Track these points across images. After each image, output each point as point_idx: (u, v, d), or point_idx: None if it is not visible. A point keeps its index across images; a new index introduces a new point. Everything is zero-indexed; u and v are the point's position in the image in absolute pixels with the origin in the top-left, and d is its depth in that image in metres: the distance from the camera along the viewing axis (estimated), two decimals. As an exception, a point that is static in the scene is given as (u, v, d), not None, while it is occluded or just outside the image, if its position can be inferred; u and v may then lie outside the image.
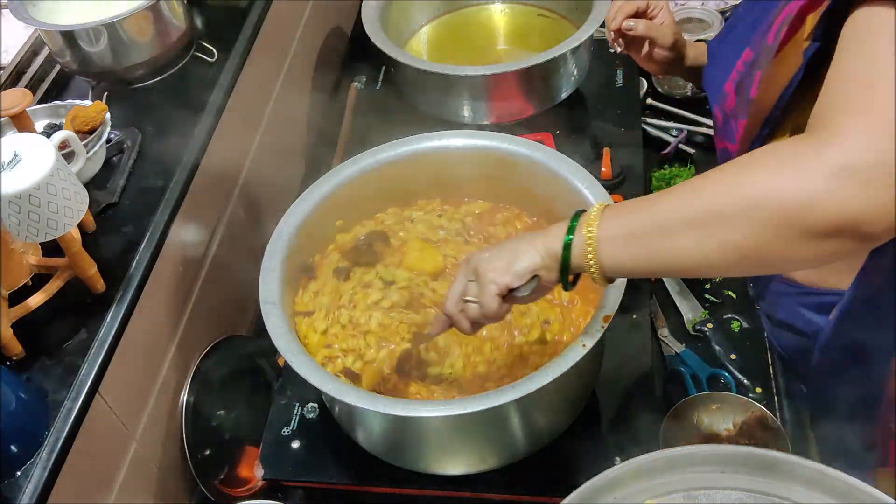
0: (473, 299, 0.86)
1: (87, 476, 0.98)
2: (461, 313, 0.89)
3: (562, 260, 0.81)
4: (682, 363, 1.34)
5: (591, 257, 0.79)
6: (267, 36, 1.46)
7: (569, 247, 0.81)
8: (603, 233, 0.78)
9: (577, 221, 0.81)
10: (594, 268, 0.79)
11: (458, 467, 1.04)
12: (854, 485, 0.78)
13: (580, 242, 0.80)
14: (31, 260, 1.03)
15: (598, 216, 0.79)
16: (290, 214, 1.10)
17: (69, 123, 1.15)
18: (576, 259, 0.81)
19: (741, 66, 0.96)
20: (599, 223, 0.79)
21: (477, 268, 0.86)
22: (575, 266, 0.81)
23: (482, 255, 0.87)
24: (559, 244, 0.81)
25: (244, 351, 1.34)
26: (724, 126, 1.02)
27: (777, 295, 1.07)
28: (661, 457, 0.84)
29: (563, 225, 0.82)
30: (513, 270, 0.83)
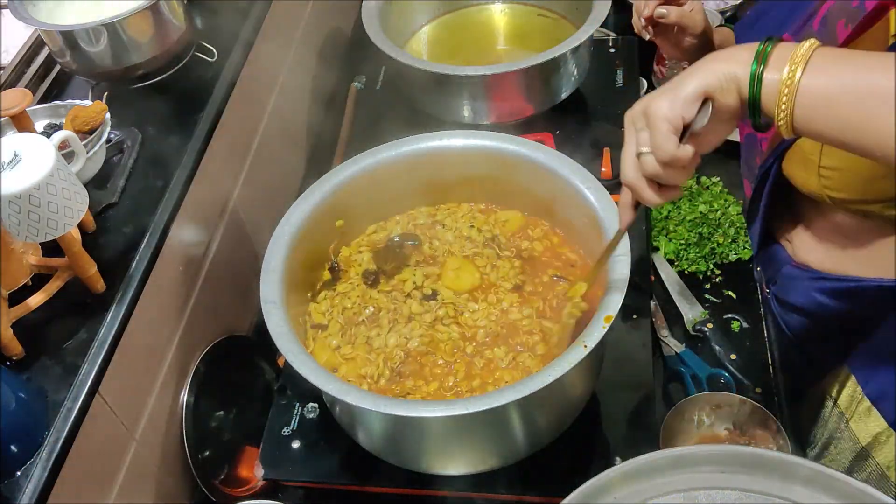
0: (647, 150, 0.76)
1: (87, 476, 0.98)
2: (640, 177, 0.79)
3: (750, 94, 0.71)
4: (682, 363, 1.34)
5: (785, 106, 0.69)
6: (267, 36, 1.46)
7: (759, 81, 0.70)
8: (810, 79, 0.68)
9: (770, 48, 0.71)
10: (784, 117, 0.70)
11: (459, 467, 1.04)
12: (854, 485, 0.78)
13: (774, 82, 0.70)
14: (31, 260, 1.03)
15: (807, 55, 0.69)
16: (290, 214, 1.10)
17: (69, 123, 1.15)
18: (766, 98, 0.71)
19: None
20: (806, 65, 0.68)
21: (644, 109, 0.76)
22: (761, 105, 0.71)
23: (647, 98, 0.77)
24: (746, 72, 0.71)
25: (244, 351, 1.34)
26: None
27: (791, 279, 1.07)
28: (661, 457, 0.84)
29: (750, 49, 0.71)
30: (681, 96, 0.73)
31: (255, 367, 1.35)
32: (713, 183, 1.58)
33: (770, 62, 0.70)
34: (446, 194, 1.23)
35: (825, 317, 1.04)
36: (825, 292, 1.02)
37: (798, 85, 0.68)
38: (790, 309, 1.11)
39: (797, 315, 1.10)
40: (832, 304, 1.02)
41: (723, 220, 1.54)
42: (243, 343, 1.35)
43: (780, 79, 0.69)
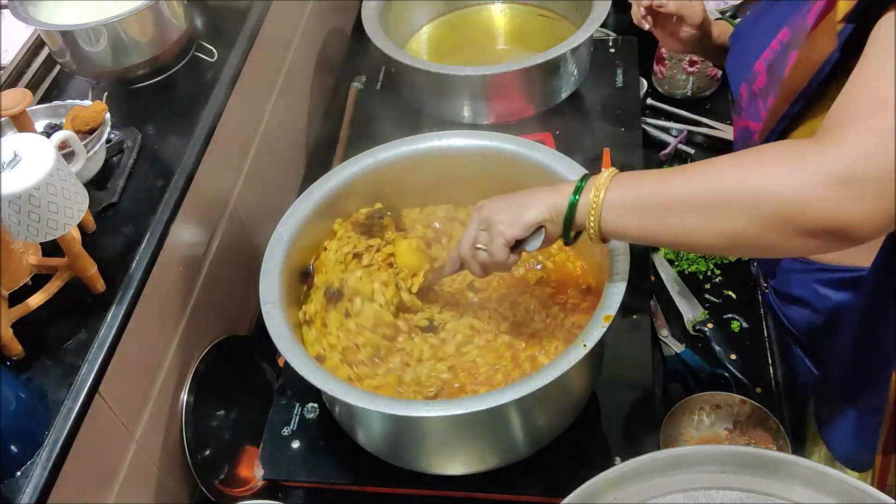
0: (483, 247, 0.93)
1: (87, 476, 0.98)
2: (473, 258, 0.95)
3: (565, 217, 0.87)
4: (682, 363, 1.34)
5: (592, 219, 0.84)
6: (267, 36, 1.46)
7: (574, 206, 0.86)
8: (609, 197, 0.83)
9: (584, 182, 0.86)
10: (593, 229, 0.85)
11: (459, 467, 1.04)
12: (854, 485, 0.78)
13: (585, 203, 0.85)
14: (31, 260, 1.03)
15: (607, 181, 0.84)
16: (290, 214, 1.10)
17: (69, 123, 1.15)
18: (579, 217, 0.86)
19: (777, 45, 0.97)
20: (608, 188, 0.83)
21: (488, 217, 0.92)
22: (577, 224, 0.87)
23: (494, 204, 0.93)
24: (566, 202, 0.87)
25: (244, 351, 1.34)
26: (749, 105, 1.02)
27: (789, 272, 1.08)
28: (661, 457, 0.84)
29: (572, 184, 0.87)
30: (520, 222, 0.89)
31: (255, 367, 1.35)
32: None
33: (582, 192, 0.86)
34: (446, 194, 1.23)
35: (826, 308, 1.04)
36: (825, 283, 1.03)
37: (602, 204, 0.83)
38: (790, 301, 1.11)
39: (797, 307, 1.10)
40: (833, 294, 1.03)
41: (723, 220, 1.54)
42: (243, 343, 1.35)
43: (589, 199, 0.85)
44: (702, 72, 1.73)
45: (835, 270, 1.01)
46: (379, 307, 1.07)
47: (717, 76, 1.76)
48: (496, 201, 0.93)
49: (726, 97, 1.78)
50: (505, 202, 0.92)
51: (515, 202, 0.91)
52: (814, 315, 1.07)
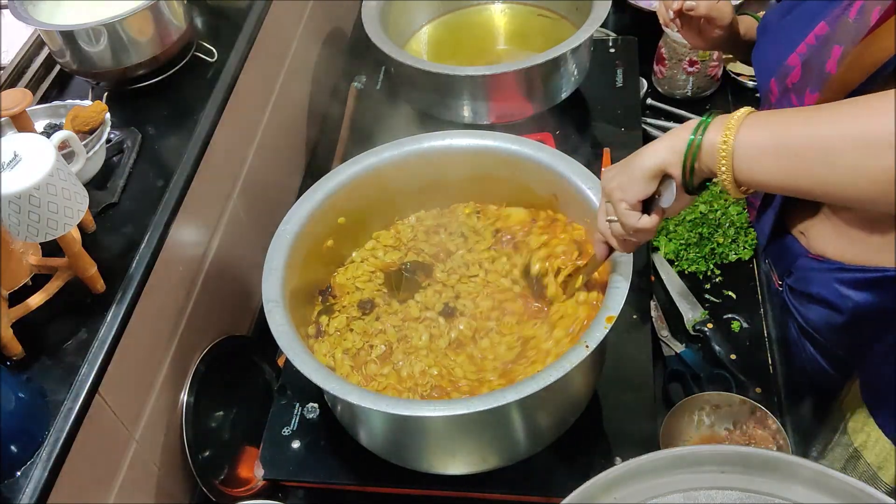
0: (614, 218, 0.88)
1: (87, 476, 0.98)
2: (609, 233, 0.91)
3: (684, 157, 0.80)
4: (682, 363, 1.34)
5: (724, 163, 0.77)
6: (267, 36, 1.46)
7: (697, 146, 0.79)
8: (745, 138, 0.77)
9: (710, 119, 0.79)
10: (726, 175, 0.78)
11: (460, 467, 1.04)
12: (855, 485, 0.78)
13: (713, 144, 0.78)
14: (31, 260, 1.03)
15: (741, 119, 0.78)
16: (291, 214, 1.10)
17: (69, 123, 1.15)
18: (706, 160, 0.79)
19: (813, 39, 0.95)
20: (739, 128, 0.77)
21: (605, 187, 0.88)
22: (704, 169, 0.80)
23: (609, 172, 0.88)
24: (685, 140, 0.80)
25: (244, 351, 1.34)
26: (782, 99, 1.01)
27: (809, 271, 1.07)
28: (661, 457, 0.84)
29: (688, 126, 0.80)
30: (635, 178, 0.83)
31: (255, 367, 1.35)
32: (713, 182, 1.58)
33: (709, 130, 0.79)
34: (446, 194, 1.23)
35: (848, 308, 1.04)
36: (847, 283, 1.02)
37: (734, 144, 0.77)
38: (808, 300, 1.10)
39: (816, 306, 1.09)
40: (855, 295, 1.02)
41: (723, 220, 1.54)
42: (243, 343, 1.35)
43: (718, 141, 0.77)
44: (702, 72, 1.73)
45: (857, 270, 1.01)
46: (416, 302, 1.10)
47: (716, 76, 1.76)
48: (612, 168, 0.88)
49: (726, 97, 1.79)
50: (618, 165, 0.87)
51: (628, 160, 0.85)
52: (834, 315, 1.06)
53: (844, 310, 1.04)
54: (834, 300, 1.05)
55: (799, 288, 1.11)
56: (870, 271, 0.99)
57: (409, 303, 1.12)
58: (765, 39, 1.11)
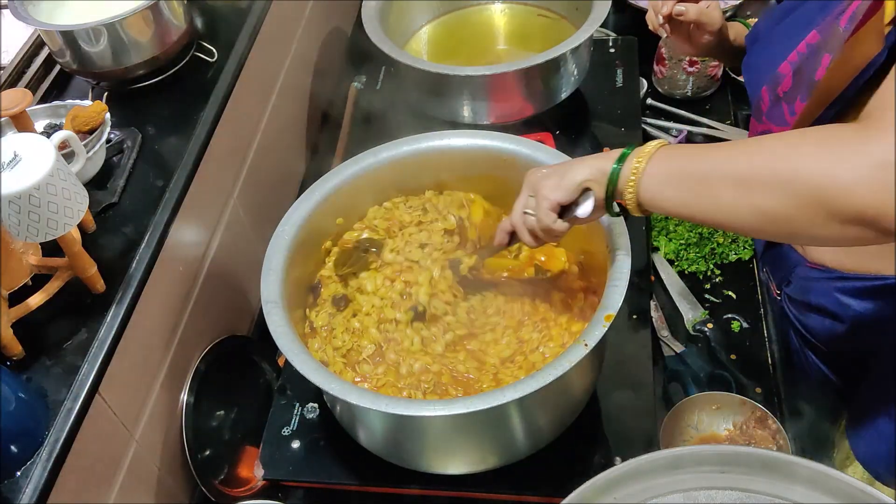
0: (531, 212, 0.93)
1: (87, 476, 0.98)
2: (522, 225, 0.95)
3: (608, 183, 0.87)
4: (682, 363, 1.34)
5: (631, 187, 0.85)
6: (267, 36, 1.46)
7: (617, 173, 0.86)
8: (650, 168, 0.84)
9: (630, 150, 0.86)
10: (631, 197, 0.85)
11: (459, 467, 1.04)
12: (854, 485, 0.78)
13: (627, 171, 0.85)
14: (31, 260, 1.03)
15: (653, 151, 0.84)
16: (291, 214, 1.10)
17: (69, 123, 1.15)
18: (620, 185, 0.86)
19: (804, 47, 0.96)
20: (651, 157, 0.84)
21: (535, 182, 0.93)
22: (619, 193, 0.87)
23: (541, 171, 0.94)
24: (610, 166, 0.87)
25: (244, 351, 1.34)
26: (773, 108, 1.01)
27: (808, 280, 1.07)
28: (661, 457, 0.84)
29: (618, 151, 0.88)
30: (564, 185, 0.90)
31: (255, 367, 1.35)
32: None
33: (626, 160, 0.86)
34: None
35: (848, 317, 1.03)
36: (847, 292, 1.02)
37: (642, 172, 0.84)
38: (808, 309, 1.10)
39: (816, 315, 1.09)
40: (855, 304, 1.02)
41: (723, 220, 1.54)
42: (243, 343, 1.35)
43: (630, 168, 0.85)
44: (702, 72, 1.73)
45: (856, 279, 1.00)
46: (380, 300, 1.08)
47: (716, 76, 1.76)
48: (542, 168, 0.95)
49: (726, 97, 1.79)
50: (552, 168, 0.94)
51: (562, 167, 0.92)
52: (835, 324, 1.06)
53: (845, 318, 1.03)
54: (834, 309, 1.04)
55: (798, 297, 1.11)
56: (869, 279, 0.99)
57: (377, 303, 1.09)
58: (756, 47, 1.11)
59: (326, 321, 1.09)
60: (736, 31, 1.25)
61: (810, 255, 1.06)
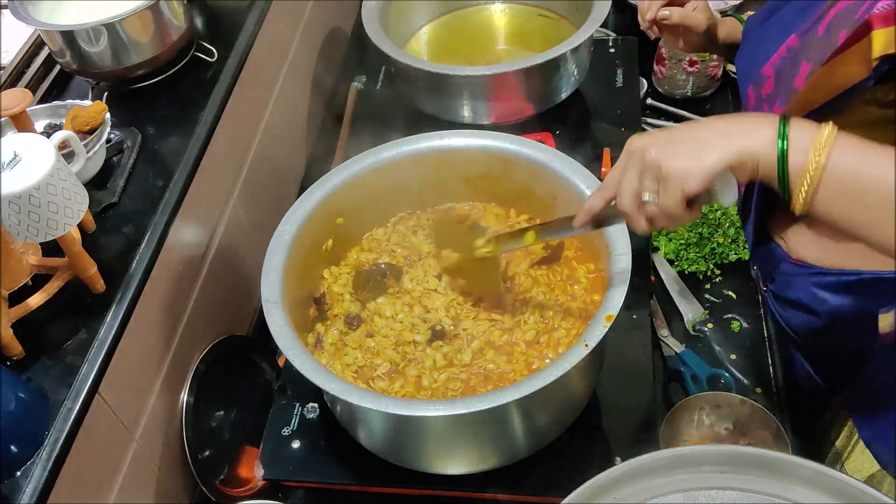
0: (652, 199, 0.76)
1: (87, 476, 0.98)
2: (638, 212, 0.79)
3: (779, 175, 0.71)
4: (682, 363, 1.34)
5: (806, 188, 0.70)
6: (267, 36, 1.46)
7: (783, 163, 0.71)
8: (834, 166, 0.69)
9: (787, 127, 0.71)
10: (802, 199, 0.71)
11: (459, 467, 1.04)
12: (854, 485, 0.78)
13: (798, 164, 0.70)
14: (31, 260, 1.03)
15: (830, 141, 0.70)
16: (291, 214, 1.10)
17: (69, 123, 1.15)
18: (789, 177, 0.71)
19: (784, 51, 0.96)
20: (831, 150, 0.69)
21: (657, 163, 0.74)
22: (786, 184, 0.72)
23: (660, 145, 0.75)
24: (766, 150, 0.71)
25: (244, 351, 1.34)
26: (756, 109, 1.02)
27: (789, 275, 1.07)
28: (661, 457, 0.84)
29: (767, 122, 0.72)
30: (701, 172, 0.72)
31: (255, 367, 1.35)
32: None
33: (791, 142, 0.71)
34: (446, 194, 1.23)
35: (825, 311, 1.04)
36: (824, 287, 1.03)
37: (823, 169, 0.70)
38: (789, 305, 1.11)
39: (796, 311, 1.10)
40: (832, 298, 1.02)
41: (723, 220, 1.54)
42: (243, 343, 1.35)
43: (806, 161, 0.70)
44: (702, 72, 1.73)
45: (834, 274, 1.01)
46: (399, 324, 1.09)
47: (716, 76, 1.76)
48: (660, 137, 0.76)
49: (726, 97, 1.79)
50: (674, 141, 0.75)
51: (690, 142, 0.74)
52: (813, 319, 1.07)
53: (822, 313, 1.04)
54: (811, 304, 1.05)
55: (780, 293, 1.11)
56: (846, 275, 0.99)
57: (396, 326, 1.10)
58: (745, 45, 1.11)
59: (337, 338, 1.10)
60: (729, 28, 1.25)
61: (794, 252, 1.07)
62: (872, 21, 0.79)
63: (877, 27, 0.78)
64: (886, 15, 0.78)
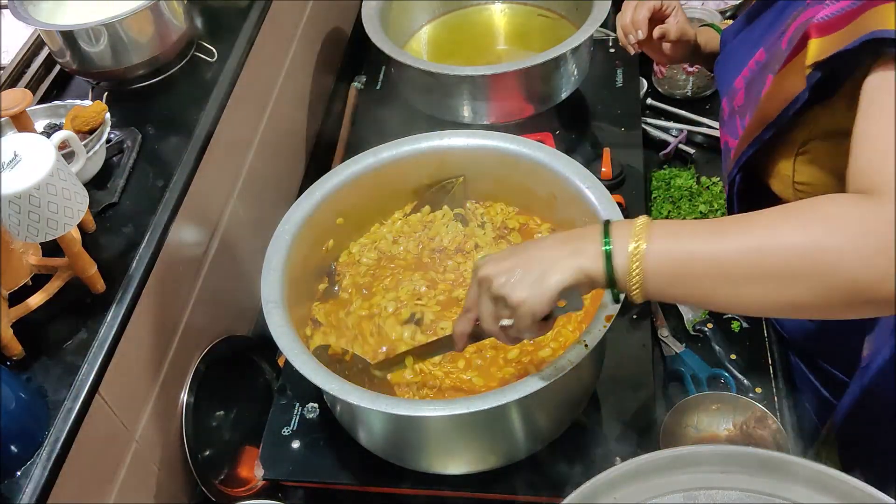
0: (509, 323, 0.79)
1: (87, 476, 0.98)
2: (503, 335, 0.82)
3: (607, 276, 0.75)
4: (682, 363, 1.34)
5: (636, 289, 0.74)
6: (267, 36, 1.46)
7: (611, 274, 0.74)
8: (651, 264, 0.73)
9: (609, 241, 0.75)
10: (636, 286, 0.74)
11: (459, 467, 1.04)
12: (854, 485, 0.78)
13: (623, 270, 0.74)
14: (31, 260, 1.03)
15: (644, 229, 0.74)
16: (291, 214, 1.10)
17: (69, 123, 1.15)
18: (619, 286, 0.75)
19: (753, 64, 0.97)
20: (645, 253, 0.73)
21: (503, 294, 0.77)
22: (618, 288, 0.75)
23: (502, 276, 0.78)
24: (596, 263, 0.75)
25: (244, 351, 1.34)
26: (729, 121, 1.03)
27: None
28: (661, 457, 0.84)
29: (592, 238, 0.75)
30: (546, 296, 0.75)
31: (255, 367, 1.35)
32: (713, 183, 1.58)
33: (614, 242, 0.74)
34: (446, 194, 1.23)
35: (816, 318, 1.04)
36: None
37: (644, 273, 0.73)
38: None
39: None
40: None
41: (723, 220, 1.54)
42: (243, 343, 1.35)
43: (626, 267, 0.73)
44: (702, 72, 1.73)
45: None
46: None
47: (716, 76, 1.76)
48: (501, 266, 0.78)
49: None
50: (513, 271, 0.77)
51: (527, 271, 0.77)
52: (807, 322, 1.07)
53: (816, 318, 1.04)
54: None
55: None
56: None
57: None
58: (721, 56, 1.12)
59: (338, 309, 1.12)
60: (708, 37, 1.26)
61: None
62: (810, 31, 0.81)
63: (813, 36, 0.80)
64: (823, 25, 0.80)
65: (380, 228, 1.22)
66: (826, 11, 0.80)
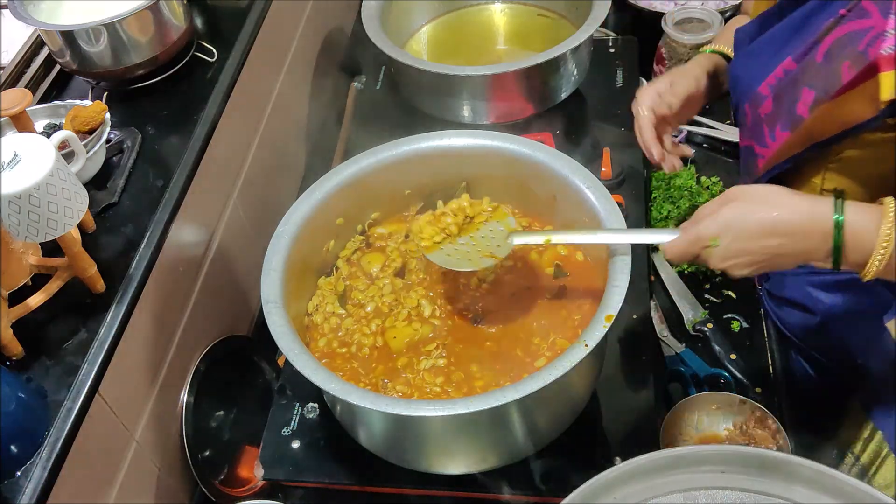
0: (714, 245, 0.87)
1: (87, 476, 0.98)
2: (692, 249, 0.90)
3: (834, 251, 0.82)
4: (682, 363, 1.34)
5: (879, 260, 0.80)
6: (267, 36, 1.46)
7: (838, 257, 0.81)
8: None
9: (843, 216, 0.81)
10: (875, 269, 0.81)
11: (459, 467, 1.04)
12: (854, 485, 0.78)
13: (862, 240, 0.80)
14: (31, 260, 1.03)
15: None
16: (290, 214, 1.10)
17: (69, 123, 1.15)
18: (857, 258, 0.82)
19: (781, 73, 0.96)
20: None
21: (736, 247, 0.86)
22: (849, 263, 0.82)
23: (745, 230, 0.85)
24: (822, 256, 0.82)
25: (244, 351, 1.34)
26: (754, 127, 1.02)
27: (783, 274, 1.08)
28: (661, 457, 0.84)
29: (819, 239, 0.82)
30: (752, 271, 0.85)
31: (255, 367, 1.35)
32: (713, 183, 1.58)
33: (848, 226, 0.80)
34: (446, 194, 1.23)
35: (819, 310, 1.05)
36: (817, 286, 1.03)
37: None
38: (783, 304, 1.11)
39: (791, 309, 1.10)
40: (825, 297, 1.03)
41: (723, 220, 1.54)
42: (243, 343, 1.35)
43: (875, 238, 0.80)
44: (702, 72, 1.72)
45: (826, 273, 1.01)
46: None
47: (716, 76, 1.76)
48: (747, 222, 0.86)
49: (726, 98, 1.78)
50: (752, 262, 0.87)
51: (768, 252, 0.85)
52: (807, 317, 1.08)
53: (817, 312, 1.04)
54: (807, 303, 1.05)
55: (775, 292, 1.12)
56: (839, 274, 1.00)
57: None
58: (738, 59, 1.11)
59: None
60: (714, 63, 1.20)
61: None
62: (880, 63, 0.80)
63: (884, 69, 0.80)
64: (893, 58, 0.80)
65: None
66: (890, 42, 0.80)
